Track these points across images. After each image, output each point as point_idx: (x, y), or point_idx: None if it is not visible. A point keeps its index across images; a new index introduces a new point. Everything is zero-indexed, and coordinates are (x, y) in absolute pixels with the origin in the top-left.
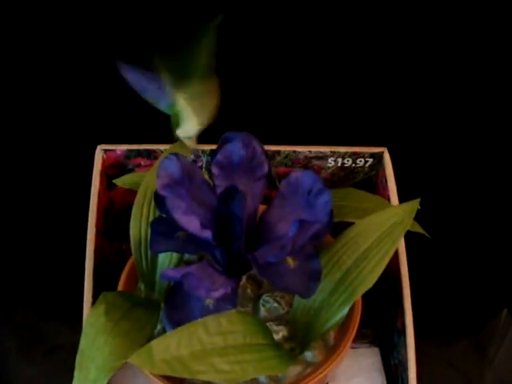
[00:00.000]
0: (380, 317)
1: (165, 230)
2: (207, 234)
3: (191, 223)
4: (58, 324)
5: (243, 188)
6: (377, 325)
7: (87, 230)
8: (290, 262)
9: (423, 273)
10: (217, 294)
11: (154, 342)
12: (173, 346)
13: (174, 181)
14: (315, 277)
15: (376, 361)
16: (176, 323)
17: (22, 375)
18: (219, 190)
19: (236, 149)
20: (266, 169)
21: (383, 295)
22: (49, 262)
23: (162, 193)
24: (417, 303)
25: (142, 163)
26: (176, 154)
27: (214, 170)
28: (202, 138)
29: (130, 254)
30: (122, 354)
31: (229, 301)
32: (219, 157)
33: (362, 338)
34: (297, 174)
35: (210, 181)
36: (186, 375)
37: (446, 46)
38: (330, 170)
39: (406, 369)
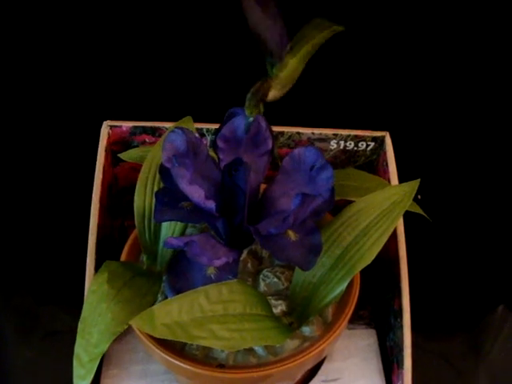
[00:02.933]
0: (377, 299)
1: (169, 200)
2: (211, 204)
3: (195, 193)
4: (57, 308)
5: (247, 162)
6: (374, 307)
7: (91, 205)
8: (292, 235)
9: (421, 267)
10: (219, 262)
11: (155, 307)
12: (174, 311)
13: (179, 153)
14: (316, 250)
15: (372, 342)
16: (177, 291)
17: (20, 359)
18: (224, 163)
19: (241, 123)
20: (269, 145)
21: (381, 277)
22: (49, 245)
23: (167, 165)
24: (413, 297)
25: (147, 140)
26: (182, 128)
27: (219, 144)
28: (207, 116)
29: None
30: (123, 320)
31: (230, 271)
32: (224, 131)
33: (359, 319)
34: (300, 150)
35: (214, 156)
36: (186, 340)
37: (447, 30)
38: (332, 153)
39: (401, 349)
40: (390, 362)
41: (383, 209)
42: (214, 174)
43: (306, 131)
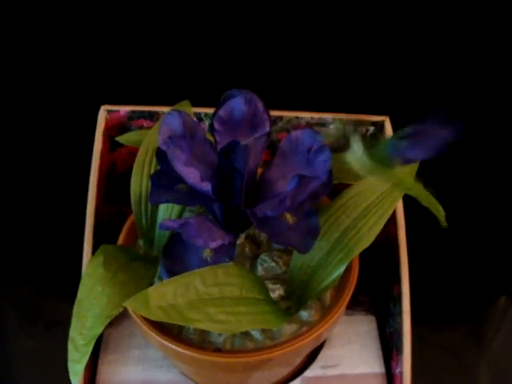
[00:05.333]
0: (376, 285)
1: (165, 182)
2: (207, 186)
3: (191, 174)
4: (58, 299)
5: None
6: (373, 293)
7: (88, 190)
8: (289, 217)
9: (421, 254)
10: (214, 244)
11: (150, 289)
12: (169, 294)
13: (175, 136)
14: (313, 233)
15: (372, 328)
16: (173, 274)
17: (22, 349)
18: (221, 146)
19: (238, 105)
20: (267, 127)
21: (380, 263)
22: (48, 234)
23: (164, 147)
24: (413, 285)
25: (145, 125)
26: (178, 110)
27: (216, 126)
28: (205, 100)
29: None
30: (118, 303)
31: (226, 254)
32: (221, 112)
33: (358, 305)
34: (297, 133)
35: (211, 140)
36: (181, 322)
37: (446, 16)
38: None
39: (400, 336)
40: (389, 348)
41: (382, 191)
42: (211, 156)
43: (305, 115)
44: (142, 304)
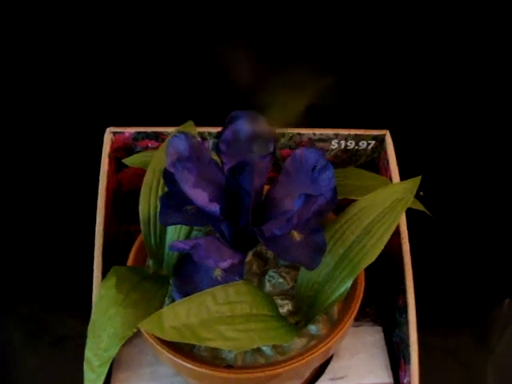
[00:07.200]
0: (382, 296)
1: (173, 203)
2: (215, 207)
3: (199, 196)
4: (64, 315)
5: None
6: (379, 303)
7: (96, 212)
8: (296, 235)
9: (425, 263)
10: (225, 264)
11: (164, 310)
12: (182, 313)
13: (182, 158)
14: (320, 249)
15: (378, 338)
16: (185, 294)
17: (27, 366)
18: (227, 166)
19: (243, 126)
20: (272, 147)
21: (385, 274)
22: (55, 251)
23: (171, 170)
24: (418, 293)
25: (150, 145)
26: (184, 133)
27: (222, 147)
28: (209, 120)
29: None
30: (132, 324)
31: (236, 272)
32: (226, 134)
33: (365, 316)
34: (301, 151)
35: (217, 160)
36: (194, 342)
37: (447, 28)
38: (333, 153)
39: (407, 345)
40: (396, 357)
41: (385, 206)
42: (218, 176)
43: (307, 132)
44: (156, 325)
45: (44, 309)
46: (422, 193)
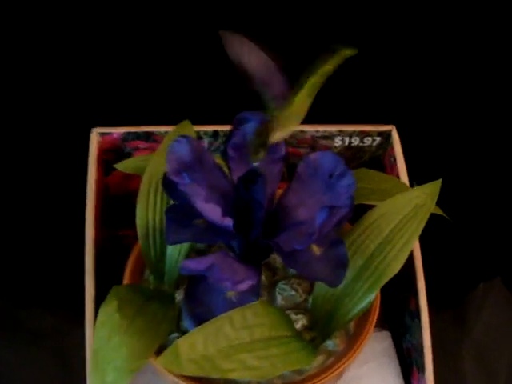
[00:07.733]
0: (390, 299)
1: (180, 217)
2: (228, 222)
3: (212, 211)
4: (39, 311)
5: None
6: (386, 307)
7: (85, 219)
8: (315, 249)
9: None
10: (243, 286)
11: (180, 341)
12: (199, 343)
13: (185, 165)
14: (342, 263)
15: (388, 345)
16: (197, 318)
17: (4, 362)
18: (236, 174)
19: (252, 129)
20: (283, 150)
21: (393, 277)
22: (32, 248)
23: (174, 178)
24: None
25: (140, 146)
26: (186, 136)
27: (230, 153)
28: (204, 119)
29: (127, 241)
30: (141, 354)
31: (252, 292)
32: (235, 138)
33: None
34: (315, 156)
35: (220, 164)
36: (215, 375)
37: (452, 21)
38: (336, 150)
39: (420, 351)
40: (407, 364)
41: (405, 214)
42: (223, 183)
43: (310, 129)
44: (172, 359)
45: (18, 305)
46: (415, 183)
